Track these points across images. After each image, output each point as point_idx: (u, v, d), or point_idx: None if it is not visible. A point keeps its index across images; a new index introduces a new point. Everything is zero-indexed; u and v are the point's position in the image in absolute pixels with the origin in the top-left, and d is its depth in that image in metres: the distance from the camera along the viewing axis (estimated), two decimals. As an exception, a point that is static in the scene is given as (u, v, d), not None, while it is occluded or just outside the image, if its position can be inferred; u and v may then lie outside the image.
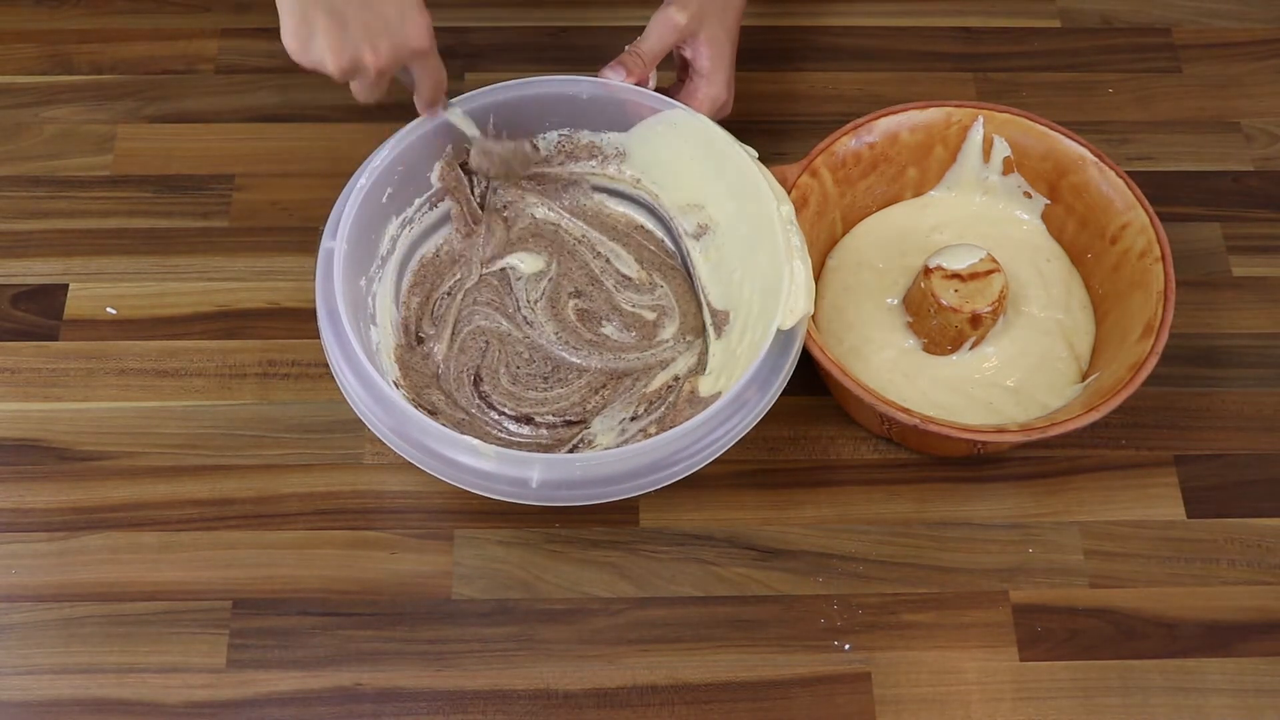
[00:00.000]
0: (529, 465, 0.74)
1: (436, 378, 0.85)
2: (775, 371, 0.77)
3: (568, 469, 0.74)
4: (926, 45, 1.05)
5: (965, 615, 0.81)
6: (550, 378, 0.86)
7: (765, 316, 0.80)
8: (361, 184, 0.82)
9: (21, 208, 0.95)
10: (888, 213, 0.93)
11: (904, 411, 0.78)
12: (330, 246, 0.79)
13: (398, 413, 0.75)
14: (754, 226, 0.83)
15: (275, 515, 0.84)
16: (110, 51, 1.03)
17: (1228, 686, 0.79)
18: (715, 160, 0.86)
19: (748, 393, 0.76)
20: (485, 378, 0.86)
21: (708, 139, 0.86)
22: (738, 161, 0.84)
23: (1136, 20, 1.07)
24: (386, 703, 0.78)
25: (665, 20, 0.86)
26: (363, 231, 0.82)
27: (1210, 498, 0.85)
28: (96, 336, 0.90)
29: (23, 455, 0.85)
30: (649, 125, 0.88)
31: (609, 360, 0.86)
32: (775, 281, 0.79)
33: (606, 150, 0.90)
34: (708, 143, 0.86)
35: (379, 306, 0.85)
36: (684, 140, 0.87)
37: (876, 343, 0.87)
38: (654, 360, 0.87)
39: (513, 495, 0.75)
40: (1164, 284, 0.81)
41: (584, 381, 0.86)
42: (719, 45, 0.86)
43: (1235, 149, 1.00)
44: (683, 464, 0.76)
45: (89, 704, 0.78)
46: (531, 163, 0.90)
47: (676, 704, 0.78)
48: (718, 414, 0.75)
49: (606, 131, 0.89)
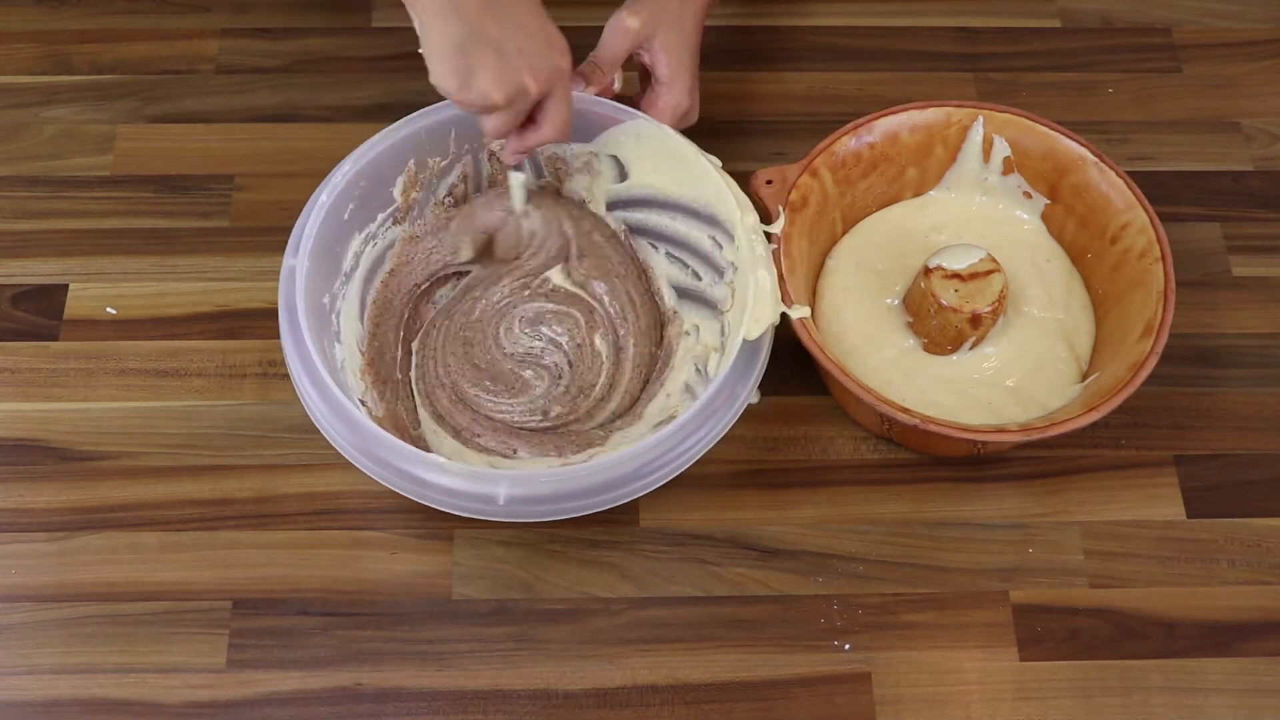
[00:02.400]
0: (495, 482, 0.74)
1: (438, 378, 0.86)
2: (744, 378, 0.77)
3: (534, 485, 0.74)
4: (926, 45, 1.05)
5: (965, 615, 0.81)
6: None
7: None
8: (323, 200, 0.81)
9: (21, 208, 0.95)
10: (887, 213, 0.93)
11: (904, 411, 0.78)
12: (292, 264, 0.79)
13: (361, 430, 0.75)
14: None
15: (275, 515, 0.84)
16: (110, 51, 1.03)
17: (1228, 686, 0.79)
18: (681, 170, 0.85)
19: (717, 401, 0.76)
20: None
21: (670, 149, 0.85)
22: (702, 171, 0.84)
23: (1136, 20, 1.07)
24: (386, 703, 0.78)
25: (617, 25, 0.85)
26: (326, 248, 0.82)
27: (1210, 498, 0.85)
28: (96, 336, 0.90)
29: (23, 455, 0.85)
30: (613, 135, 0.87)
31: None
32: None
33: (580, 163, 0.89)
34: (670, 153, 0.85)
35: (343, 324, 0.84)
36: (649, 150, 0.87)
37: (876, 342, 0.87)
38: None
39: (479, 512, 0.74)
40: (1164, 284, 0.81)
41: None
42: (676, 51, 0.86)
43: (1235, 149, 1.00)
44: (654, 475, 0.75)
45: (89, 704, 0.78)
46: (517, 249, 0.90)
47: (676, 704, 0.78)
48: (686, 425, 0.75)
49: (569, 143, 0.88)
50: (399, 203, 0.87)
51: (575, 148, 0.89)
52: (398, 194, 0.87)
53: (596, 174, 0.90)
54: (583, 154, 0.89)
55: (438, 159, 0.87)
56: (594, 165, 0.89)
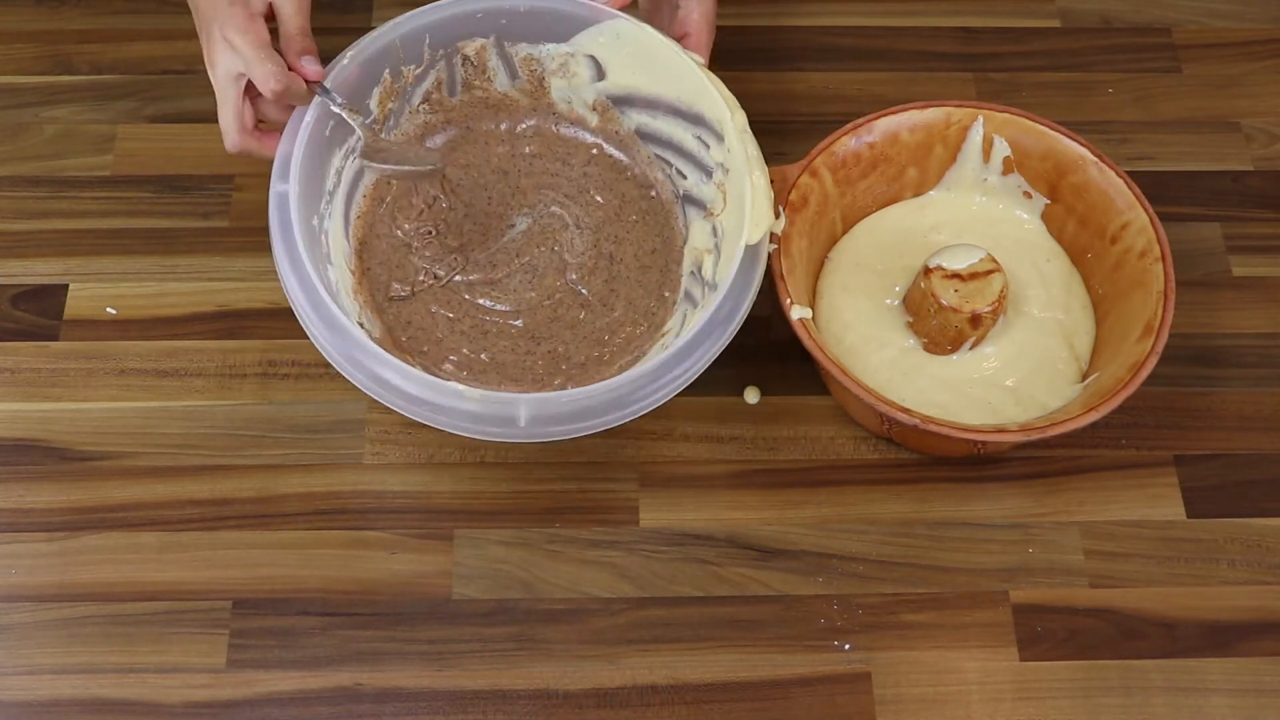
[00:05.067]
0: (514, 405, 0.74)
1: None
2: (746, 287, 0.78)
3: (554, 405, 0.74)
4: (926, 45, 1.05)
5: (965, 615, 0.81)
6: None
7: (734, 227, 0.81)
8: (307, 120, 0.81)
9: (21, 208, 0.95)
10: (887, 213, 0.93)
11: (904, 411, 0.78)
12: (283, 190, 0.78)
13: (372, 356, 0.75)
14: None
15: (275, 515, 0.84)
16: (110, 51, 1.03)
17: (1228, 686, 0.79)
18: (662, 68, 0.85)
19: (722, 310, 0.77)
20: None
21: (650, 48, 0.84)
22: (685, 69, 0.83)
23: (1136, 20, 1.07)
24: (386, 703, 0.78)
25: None
26: (313, 168, 0.81)
27: (1210, 498, 0.85)
28: (96, 336, 0.90)
29: (23, 455, 0.85)
30: (590, 35, 0.86)
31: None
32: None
33: (556, 63, 0.89)
34: (651, 52, 0.85)
35: (332, 244, 0.84)
36: (628, 50, 0.86)
37: (876, 342, 0.87)
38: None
39: (501, 436, 0.75)
40: (1164, 284, 0.81)
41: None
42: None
43: (1235, 149, 1.00)
44: (667, 388, 0.76)
45: (89, 704, 0.78)
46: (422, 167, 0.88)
47: (676, 704, 0.78)
48: (698, 335, 0.76)
49: (544, 43, 0.88)
50: (376, 114, 0.87)
51: (550, 48, 0.88)
52: (374, 105, 0.87)
53: (573, 75, 0.89)
54: (559, 55, 0.88)
55: (412, 67, 0.88)
56: (570, 66, 0.89)
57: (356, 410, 0.87)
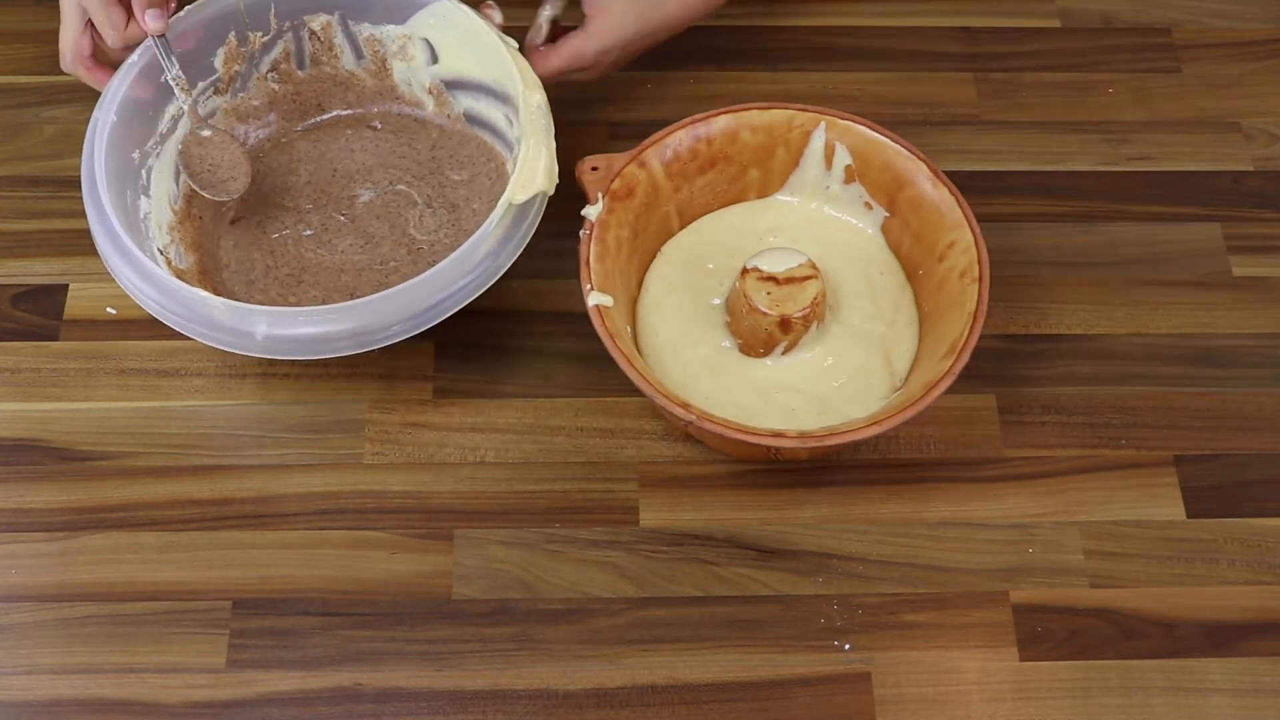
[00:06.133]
0: (256, 320, 0.77)
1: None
2: (508, 241, 0.80)
3: (294, 321, 0.77)
4: (926, 45, 1.05)
5: (965, 615, 0.81)
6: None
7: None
8: (134, 60, 0.85)
9: (21, 208, 0.95)
10: (728, 212, 0.91)
11: (683, 406, 0.77)
12: (99, 117, 0.83)
13: (136, 263, 0.79)
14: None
15: (275, 515, 0.84)
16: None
17: (1228, 686, 0.79)
18: (481, 51, 0.88)
19: (477, 254, 0.79)
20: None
21: (472, 31, 0.88)
22: (497, 52, 0.86)
23: (1136, 20, 1.07)
24: (386, 703, 0.78)
25: None
26: (141, 107, 0.86)
27: (1210, 498, 0.85)
28: (96, 336, 0.90)
29: (23, 455, 0.85)
30: (422, 17, 0.90)
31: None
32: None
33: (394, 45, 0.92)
34: (473, 35, 0.88)
35: (154, 180, 0.87)
36: (455, 33, 0.89)
37: (691, 339, 0.86)
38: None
39: (237, 347, 0.78)
40: (975, 305, 0.80)
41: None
42: (613, 13, 0.88)
43: (1235, 149, 1.00)
44: (404, 324, 0.78)
45: (89, 704, 0.78)
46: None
47: (676, 704, 0.78)
48: (440, 273, 0.78)
49: (385, 24, 0.91)
50: (220, 73, 0.91)
51: (391, 29, 0.92)
52: (219, 64, 0.90)
53: (411, 59, 0.92)
54: (399, 37, 0.92)
55: (260, 34, 0.90)
56: (409, 49, 0.92)
57: (356, 410, 0.87)
